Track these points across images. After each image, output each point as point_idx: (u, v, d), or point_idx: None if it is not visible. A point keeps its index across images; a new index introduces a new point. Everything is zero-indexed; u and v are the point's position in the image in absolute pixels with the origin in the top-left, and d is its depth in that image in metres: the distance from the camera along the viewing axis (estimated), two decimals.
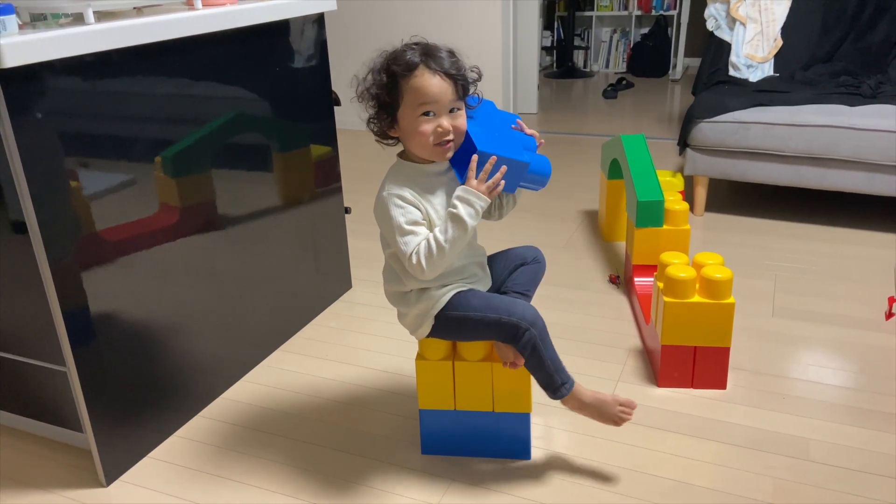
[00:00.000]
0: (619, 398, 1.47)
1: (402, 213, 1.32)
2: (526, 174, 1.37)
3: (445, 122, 1.30)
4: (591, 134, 4.26)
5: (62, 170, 1.36)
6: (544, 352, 1.41)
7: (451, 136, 1.32)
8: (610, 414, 1.46)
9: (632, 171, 2.25)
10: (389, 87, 1.32)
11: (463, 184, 1.33)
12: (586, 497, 1.46)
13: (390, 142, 1.40)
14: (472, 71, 1.36)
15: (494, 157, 1.31)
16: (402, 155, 1.42)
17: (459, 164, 1.35)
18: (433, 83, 1.28)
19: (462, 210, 1.29)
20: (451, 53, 1.33)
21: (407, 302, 1.43)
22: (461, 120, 1.33)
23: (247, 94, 1.81)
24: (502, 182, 1.32)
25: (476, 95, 1.39)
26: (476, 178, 1.31)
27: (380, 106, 1.34)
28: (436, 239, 1.30)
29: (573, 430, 1.64)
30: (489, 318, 1.38)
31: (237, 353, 1.90)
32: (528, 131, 1.44)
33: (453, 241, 1.30)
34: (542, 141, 1.45)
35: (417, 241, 1.32)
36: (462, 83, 1.32)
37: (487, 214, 1.50)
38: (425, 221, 1.35)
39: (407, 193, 1.33)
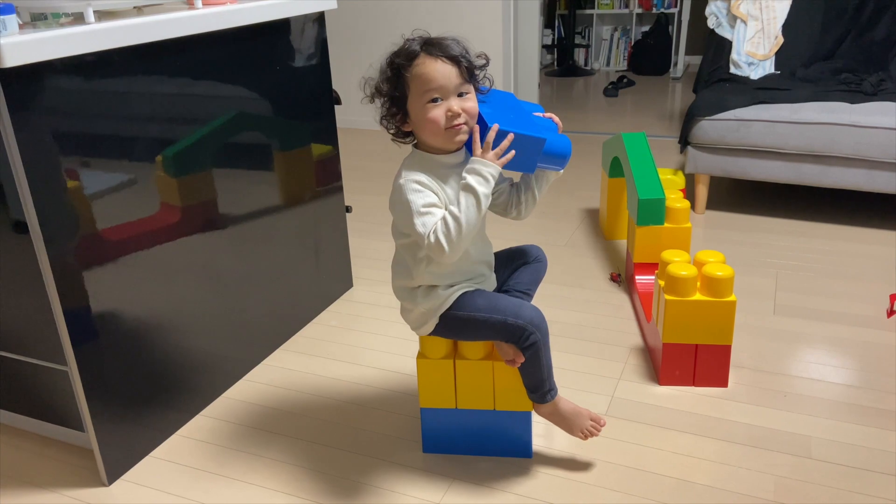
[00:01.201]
0: (591, 413, 1.50)
1: (420, 196, 1.31)
2: (543, 153, 1.35)
3: (454, 104, 1.29)
4: (592, 132, 4.25)
5: (63, 169, 1.36)
6: (543, 356, 1.41)
7: (462, 119, 1.30)
8: (581, 426, 1.50)
9: (633, 169, 2.25)
10: (395, 81, 1.32)
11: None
12: (587, 495, 1.46)
13: (407, 139, 1.40)
14: (478, 57, 1.35)
15: (498, 127, 1.29)
16: (416, 146, 1.41)
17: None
18: (436, 68, 1.28)
19: (471, 179, 1.28)
20: (455, 39, 1.32)
21: (414, 298, 1.43)
22: (471, 103, 1.32)
23: (247, 94, 1.81)
24: (512, 151, 1.30)
25: (486, 84, 1.38)
26: (482, 147, 1.29)
27: (390, 101, 1.35)
28: (451, 214, 1.28)
29: None
30: (494, 320, 1.38)
31: (238, 352, 1.91)
32: (547, 115, 1.43)
33: (468, 213, 1.27)
34: (561, 124, 1.44)
35: (434, 220, 1.30)
36: (467, 65, 1.31)
37: (505, 211, 1.50)
38: (442, 205, 1.34)
39: (424, 178, 1.33)
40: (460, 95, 1.31)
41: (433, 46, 1.30)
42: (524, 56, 4.55)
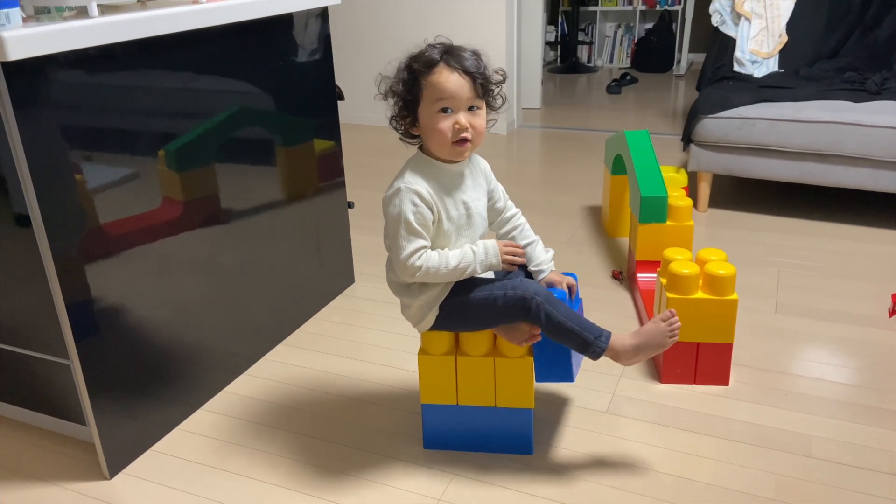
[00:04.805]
0: (659, 317, 1.43)
1: (414, 211, 1.33)
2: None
3: (463, 118, 1.31)
4: (594, 129, 4.25)
5: (66, 163, 1.36)
6: (558, 315, 1.38)
7: (468, 134, 1.32)
8: (664, 333, 1.41)
9: (635, 167, 2.24)
10: (410, 84, 1.33)
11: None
12: (588, 492, 1.46)
13: (414, 141, 1.41)
14: (496, 73, 1.37)
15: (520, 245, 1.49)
16: (422, 149, 1.42)
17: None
18: (451, 80, 1.30)
19: (479, 265, 1.39)
20: (474, 53, 1.34)
21: (410, 292, 1.43)
22: (480, 120, 1.34)
23: (250, 89, 1.81)
24: (519, 260, 1.43)
25: (499, 101, 1.39)
26: (509, 248, 1.42)
27: (402, 104, 1.36)
28: (447, 261, 1.36)
29: (575, 425, 1.65)
30: (495, 295, 1.39)
31: (240, 346, 1.91)
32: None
33: (452, 272, 1.37)
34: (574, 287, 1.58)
35: (420, 244, 1.34)
36: (482, 82, 1.32)
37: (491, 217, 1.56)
38: (433, 225, 1.37)
39: (424, 191, 1.34)
40: (470, 109, 1.32)
41: (452, 57, 1.31)
42: (527, 52, 4.54)
